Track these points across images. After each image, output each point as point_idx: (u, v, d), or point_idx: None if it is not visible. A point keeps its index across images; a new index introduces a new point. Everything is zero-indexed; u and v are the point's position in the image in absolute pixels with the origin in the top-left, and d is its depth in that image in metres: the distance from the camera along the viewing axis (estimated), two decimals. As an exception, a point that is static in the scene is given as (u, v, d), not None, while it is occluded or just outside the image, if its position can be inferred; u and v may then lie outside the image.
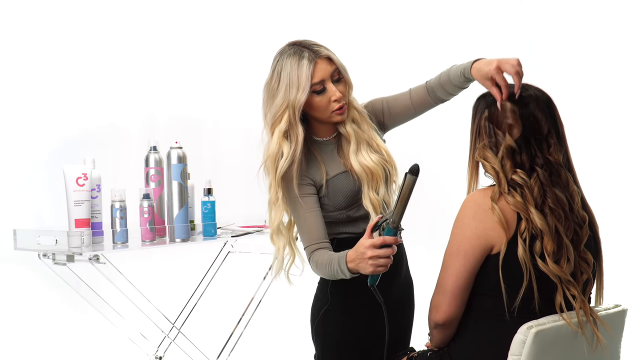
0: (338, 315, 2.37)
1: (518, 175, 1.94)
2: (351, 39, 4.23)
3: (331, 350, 2.41)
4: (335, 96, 2.26)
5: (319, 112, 2.28)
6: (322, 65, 2.25)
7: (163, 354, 3.02)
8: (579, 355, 1.96)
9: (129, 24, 3.97)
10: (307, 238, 2.28)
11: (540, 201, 1.92)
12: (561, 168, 1.96)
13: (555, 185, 1.95)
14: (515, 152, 1.96)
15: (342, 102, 2.27)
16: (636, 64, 4.42)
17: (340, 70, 2.28)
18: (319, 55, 2.25)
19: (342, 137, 2.35)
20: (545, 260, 1.89)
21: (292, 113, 2.25)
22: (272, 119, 2.31)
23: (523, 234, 1.90)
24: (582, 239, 1.96)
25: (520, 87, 2.01)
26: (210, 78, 4.20)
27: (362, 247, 2.03)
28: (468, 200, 1.97)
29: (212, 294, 3.24)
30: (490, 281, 1.93)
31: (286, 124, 2.27)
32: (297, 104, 2.24)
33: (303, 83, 2.22)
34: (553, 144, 1.97)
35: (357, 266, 2.07)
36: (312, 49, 2.26)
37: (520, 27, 4.58)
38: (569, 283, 1.91)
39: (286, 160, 2.27)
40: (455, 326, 2.00)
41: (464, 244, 1.93)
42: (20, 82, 3.69)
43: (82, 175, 2.46)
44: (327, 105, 2.27)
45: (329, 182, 2.30)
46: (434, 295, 2.00)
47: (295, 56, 2.25)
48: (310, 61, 2.23)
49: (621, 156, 4.44)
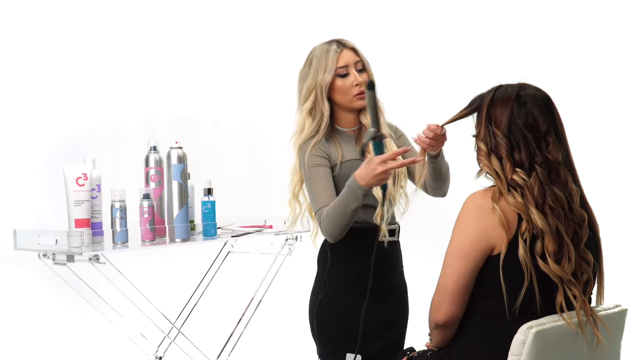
0: (337, 301, 2.51)
1: (518, 176, 1.94)
2: (351, 39, 4.22)
3: (332, 338, 2.50)
4: (357, 80, 2.51)
5: (341, 95, 2.53)
6: (347, 53, 2.54)
7: (163, 354, 3.02)
8: (579, 355, 1.96)
9: (129, 25, 3.96)
10: (318, 202, 2.46)
11: (541, 201, 1.92)
12: (560, 166, 1.96)
13: (554, 183, 1.95)
14: (514, 151, 1.96)
15: (363, 88, 2.51)
16: (636, 64, 4.42)
17: (364, 62, 2.56)
18: (345, 46, 2.55)
19: (362, 130, 2.58)
20: (546, 261, 1.89)
21: (319, 92, 2.52)
22: (302, 100, 2.57)
23: (524, 235, 1.90)
24: (582, 238, 1.96)
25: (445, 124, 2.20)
26: (210, 78, 4.20)
27: (374, 164, 2.24)
28: (469, 201, 1.96)
29: (212, 294, 3.24)
30: (491, 282, 1.93)
31: (312, 102, 2.54)
32: (323, 84, 2.51)
33: (329, 66, 2.51)
34: (552, 142, 1.97)
35: (371, 180, 2.26)
36: (340, 41, 2.57)
37: (520, 27, 4.58)
38: (570, 283, 1.91)
39: (309, 134, 2.53)
40: (455, 327, 2.00)
41: (465, 245, 1.93)
42: (21, 82, 3.68)
43: (82, 175, 2.46)
44: (349, 89, 2.51)
45: (342, 165, 2.52)
46: (434, 295, 2.00)
47: (324, 47, 2.55)
48: (337, 49, 2.53)
49: (622, 156, 4.44)
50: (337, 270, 2.54)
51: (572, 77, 4.48)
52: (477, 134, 2.03)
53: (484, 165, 1.99)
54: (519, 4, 4.59)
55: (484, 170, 2.00)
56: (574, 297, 1.91)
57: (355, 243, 2.51)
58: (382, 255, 2.54)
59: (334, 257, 2.55)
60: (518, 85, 2.02)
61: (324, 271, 2.57)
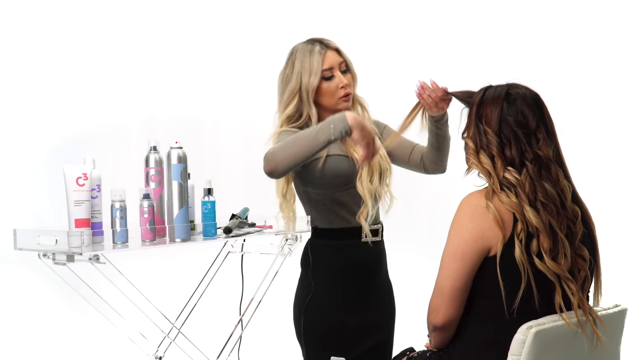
0: (321, 303, 2.52)
1: (510, 174, 1.94)
2: (351, 40, 4.22)
3: (317, 340, 2.49)
4: (342, 82, 2.48)
5: (327, 97, 2.49)
6: (331, 55, 2.49)
7: (163, 354, 3.01)
8: (579, 355, 1.96)
9: (129, 25, 3.96)
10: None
11: (533, 197, 1.93)
12: (551, 162, 1.97)
13: (544, 179, 1.95)
14: (505, 148, 1.97)
15: (348, 90, 2.49)
16: (635, 64, 4.42)
17: (347, 62, 2.51)
18: (328, 47, 2.50)
19: None
20: (542, 259, 1.89)
21: (305, 96, 2.46)
22: (284, 104, 2.51)
23: (519, 235, 1.90)
24: (577, 234, 1.96)
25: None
26: (210, 78, 4.20)
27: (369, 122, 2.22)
28: (464, 202, 1.97)
29: (212, 294, 3.24)
30: (489, 283, 1.93)
31: (295, 107, 2.48)
32: (310, 87, 2.45)
33: (315, 68, 2.45)
34: (542, 138, 1.98)
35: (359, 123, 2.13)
36: (323, 41, 2.51)
37: (520, 27, 4.58)
38: (567, 280, 1.91)
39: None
40: (454, 328, 2.00)
41: (462, 246, 1.93)
42: (21, 82, 3.69)
43: (82, 175, 2.46)
44: (334, 91, 2.48)
45: (327, 159, 2.46)
46: (432, 298, 2.00)
47: (307, 48, 2.49)
48: (320, 50, 2.47)
49: (623, 156, 4.44)
50: (320, 273, 2.53)
51: (571, 77, 4.47)
52: (465, 131, 2.05)
53: (472, 164, 2.01)
54: (519, 4, 4.59)
55: (472, 168, 2.01)
56: (572, 294, 1.91)
57: (337, 244, 2.51)
58: (366, 256, 2.54)
59: (316, 259, 2.55)
60: (507, 85, 2.04)
61: (307, 273, 2.56)
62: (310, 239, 2.59)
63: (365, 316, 2.53)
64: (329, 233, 2.50)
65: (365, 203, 2.44)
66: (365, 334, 2.53)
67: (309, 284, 2.54)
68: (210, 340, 3.20)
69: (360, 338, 2.51)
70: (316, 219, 2.53)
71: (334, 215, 2.49)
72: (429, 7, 4.51)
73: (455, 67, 4.41)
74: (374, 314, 2.56)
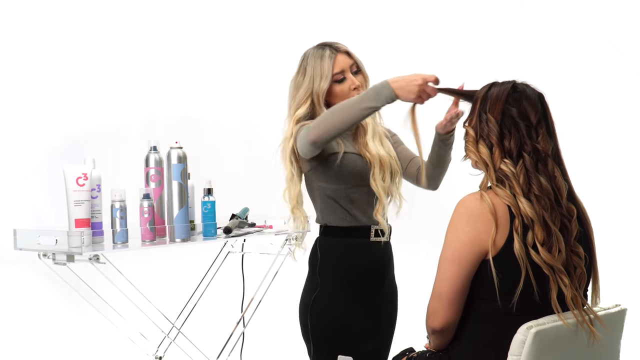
0: (329, 302, 2.51)
1: (506, 166, 1.95)
2: (351, 40, 4.23)
3: (324, 338, 2.50)
4: (354, 84, 2.53)
5: (340, 99, 2.52)
6: (342, 58, 2.54)
7: (163, 354, 3.01)
8: (579, 355, 1.96)
9: (129, 25, 3.97)
10: None
11: (527, 189, 1.93)
12: (548, 157, 1.97)
13: (540, 173, 1.96)
14: (504, 138, 1.97)
15: (360, 90, 2.53)
16: (636, 64, 4.42)
17: (358, 64, 2.56)
18: (338, 50, 2.54)
19: (359, 129, 2.58)
20: (538, 251, 1.89)
21: (316, 99, 2.51)
22: (295, 107, 2.55)
23: (517, 229, 1.90)
24: (572, 231, 1.96)
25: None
26: (210, 78, 4.20)
27: (416, 75, 2.24)
28: (461, 206, 1.97)
29: (212, 294, 3.24)
30: (488, 284, 1.93)
31: (306, 109, 2.52)
32: (320, 91, 2.50)
33: (326, 72, 2.50)
34: (542, 133, 1.99)
35: (404, 85, 2.22)
36: (333, 45, 2.55)
37: (520, 27, 4.58)
38: (560, 272, 1.91)
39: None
40: (452, 331, 2.00)
41: (459, 250, 1.93)
42: (21, 82, 3.69)
43: (82, 175, 2.46)
44: (347, 93, 2.53)
45: (344, 155, 2.51)
46: (430, 301, 2.00)
47: (317, 52, 2.54)
48: (331, 54, 2.51)
49: (623, 156, 4.44)
50: (328, 271, 2.54)
51: (571, 77, 4.48)
52: (468, 120, 2.05)
53: (469, 152, 2.02)
54: (519, 4, 4.59)
55: (469, 157, 2.02)
56: (565, 285, 1.91)
57: (346, 242, 2.52)
58: (374, 255, 2.54)
59: (324, 257, 2.55)
60: (513, 81, 2.06)
61: (314, 271, 2.57)
62: (319, 237, 2.60)
63: (371, 316, 2.53)
64: (339, 231, 2.53)
65: (380, 200, 2.48)
66: (372, 334, 2.53)
67: (317, 282, 2.54)
68: (210, 341, 3.20)
69: (364, 338, 2.51)
70: (327, 216, 2.54)
71: (344, 213, 2.51)
72: (431, 8, 4.51)
73: (456, 67, 4.41)
74: (380, 314, 2.56)
